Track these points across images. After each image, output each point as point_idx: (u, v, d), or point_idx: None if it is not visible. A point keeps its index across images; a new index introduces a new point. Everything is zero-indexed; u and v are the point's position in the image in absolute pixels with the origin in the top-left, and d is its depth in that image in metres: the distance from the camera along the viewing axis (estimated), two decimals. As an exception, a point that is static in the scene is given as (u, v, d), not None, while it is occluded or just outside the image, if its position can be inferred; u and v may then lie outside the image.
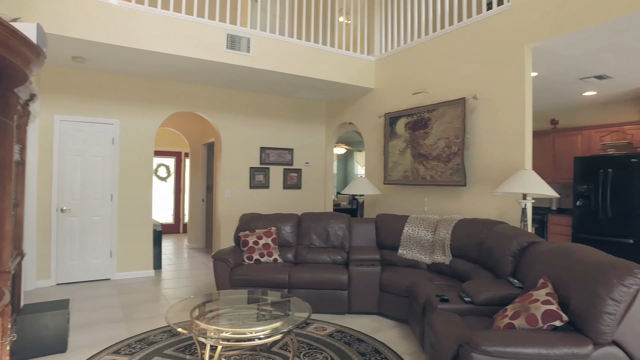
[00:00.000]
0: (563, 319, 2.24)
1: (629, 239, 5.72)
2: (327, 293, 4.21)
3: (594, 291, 2.17)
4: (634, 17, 3.44)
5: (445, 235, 4.26)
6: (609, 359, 2.10)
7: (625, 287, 2.08)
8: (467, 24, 4.83)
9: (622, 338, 2.13)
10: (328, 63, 5.78)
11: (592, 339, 2.13)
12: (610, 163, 5.96)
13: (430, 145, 5.14)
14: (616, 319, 2.10)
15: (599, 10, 3.59)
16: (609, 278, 2.14)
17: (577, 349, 2.07)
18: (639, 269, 2.10)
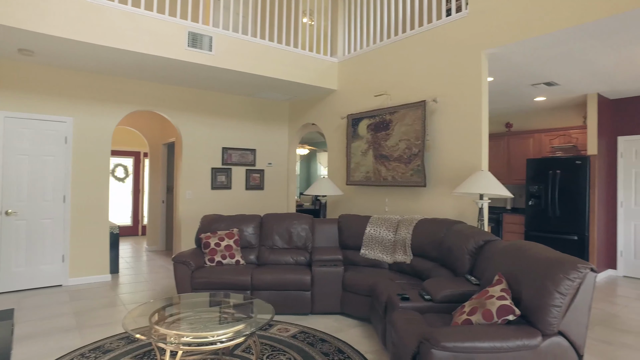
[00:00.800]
0: (516, 313, 2.34)
1: (574, 235, 6.08)
2: (290, 294, 4.20)
3: (543, 286, 2.29)
4: (578, 29, 3.66)
5: (406, 235, 4.36)
6: (555, 348, 2.23)
7: (570, 281, 2.22)
8: (427, 28, 4.97)
9: (566, 328, 2.26)
10: (291, 64, 5.78)
11: (541, 331, 2.25)
12: (558, 165, 6.31)
13: (392, 146, 5.24)
14: (562, 311, 2.23)
15: (548, 21, 3.79)
16: (556, 273, 2.26)
17: (527, 341, 2.18)
18: (582, 264, 2.24)
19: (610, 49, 4.21)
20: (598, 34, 3.81)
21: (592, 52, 4.32)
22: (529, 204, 6.63)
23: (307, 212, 9.37)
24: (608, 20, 3.49)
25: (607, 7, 3.41)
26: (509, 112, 7.67)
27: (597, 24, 3.56)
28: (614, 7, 3.37)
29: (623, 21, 3.50)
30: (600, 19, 3.46)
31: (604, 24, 3.57)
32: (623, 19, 3.44)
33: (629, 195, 6.45)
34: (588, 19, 3.53)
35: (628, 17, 3.42)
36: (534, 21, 3.90)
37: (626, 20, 3.48)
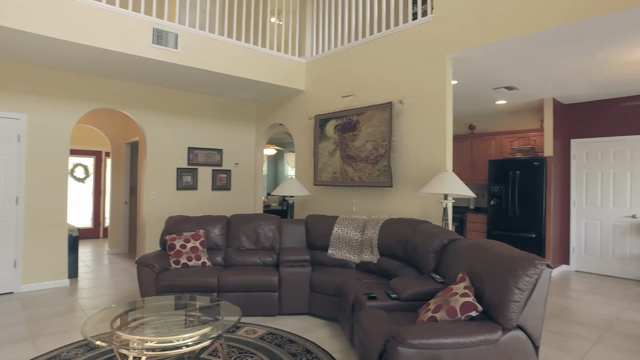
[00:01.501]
0: (478, 309, 2.42)
1: (532, 233, 6.35)
2: (258, 295, 4.17)
3: (504, 282, 2.38)
4: (535, 37, 3.83)
5: (373, 234, 4.42)
6: (514, 341, 2.33)
7: (528, 277, 2.31)
8: (394, 31, 5.05)
9: (524, 322, 2.36)
10: (259, 63, 5.73)
11: (502, 325, 2.34)
12: (517, 166, 6.57)
13: (359, 147, 5.30)
14: (521, 305, 2.33)
15: (507, 28, 3.95)
16: (515, 270, 2.36)
17: (489, 335, 2.26)
18: (539, 261, 2.35)
19: (565, 56, 4.42)
20: (553, 42, 4.00)
21: (548, 59, 4.53)
22: (491, 204, 6.86)
23: (275, 213, 9.33)
24: (562, 30, 3.67)
25: (562, 17, 3.59)
26: (472, 115, 7.92)
27: (552, 32, 3.74)
28: (568, 18, 3.55)
29: (576, 31, 3.69)
30: (555, 28, 3.64)
31: (559, 33, 3.75)
32: (576, 29, 3.63)
33: (580, 195, 6.81)
34: (544, 27, 3.70)
35: (580, 28, 3.60)
36: (495, 28, 4.05)
37: (578, 31, 3.67)
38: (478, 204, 7.88)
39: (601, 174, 6.61)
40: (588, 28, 3.64)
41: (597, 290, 5.56)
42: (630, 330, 4.03)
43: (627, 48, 4.14)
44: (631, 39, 3.89)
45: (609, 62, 4.60)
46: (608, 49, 4.17)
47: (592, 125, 6.70)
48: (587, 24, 3.55)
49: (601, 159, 6.62)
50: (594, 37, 3.85)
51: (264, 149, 8.45)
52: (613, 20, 3.45)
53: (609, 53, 4.31)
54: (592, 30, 3.70)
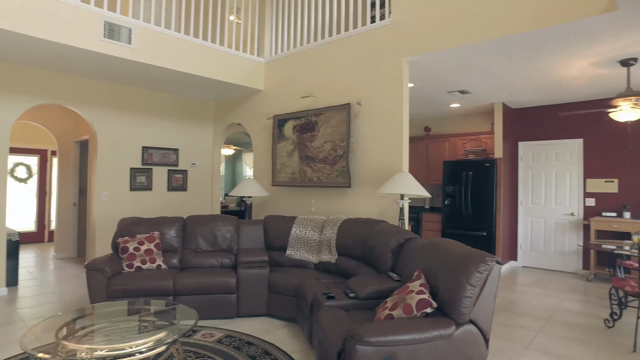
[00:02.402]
0: (433, 306, 2.50)
1: (483, 231, 6.64)
2: (215, 298, 4.09)
3: (456, 279, 2.47)
4: (485, 44, 4.01)
5: (331, 234, 4.45)
6: (467, 335, 2.43)
7: (479, 273, 2.42)
8: (353, 34, 5.12)
9: (476, 316, 2.47)
10: (217, 62, 5.63)
11: (455, 320, 2.43)
12: (470, 167, 6.85)
13: (317, 148, 5.33)
14: (472, 301, 2.43)
15: (460, 35, 4.11)
16: (467, 266, 2.46)
17: (443, 331, 2.34)
18: (489, 258, 2.46)
19: (511, 64, 4.66)
20: (501, 50, 4.21)
21: (497, 66, 4.76)
22: (445, 203, 7.11)
23: (232, 214, 9.19)
24: (508, 39, 3.87)
25: (507, 27, 3.78)
26: (428, 117, 8.17)
27: (499, 41, 3.93)
28: (513, 28, 3.75)
29: (520, 41, 3.90)
30: (502, 37, 3.83)
31: (505, 42, 3.96)
32: (520, 39, 3.84)
33: (527, 194, 7.20)
34: (492, 36, 3.89)
35: (523, 38, 3.82)
36: (448, 34, 4.20)
37: (522, 40, 3.89)
38: (433, 204, 8.14)
39: (545, 174, 7.02)
40: (530, 38, 3.86)
41: (540, 284, 5.89)
42: (568, 319, 4.31)
43: (564, 58, 4.42)
44: (567, 50, 4.16)
45: (550, 70, 4.90)
46: (549, 58, 4.43)
47: (537, 129, 7.11)
48: (530, 35, 3.76)
49: (545, 160, 7.03)
50: (535, 47, 4.09)
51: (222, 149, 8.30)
52: (552, 32, 3.68)
53: (549, 62, 4.58)
54: (534, 41, 3.93)
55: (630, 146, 6.22)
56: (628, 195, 6.22)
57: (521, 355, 3.38)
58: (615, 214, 6.23)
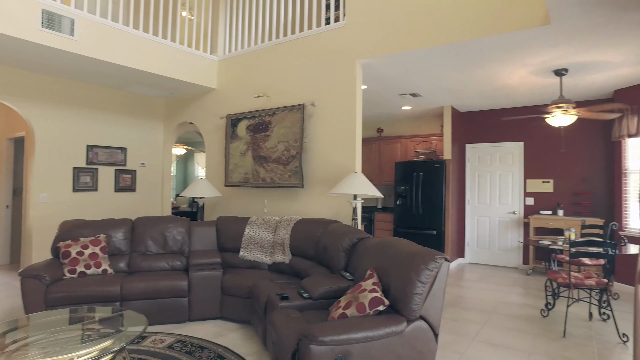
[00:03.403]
0: (385, 304, 2.57)
1: (434, 230, 6.89)
2: (166, 302, 3.96)
3: (407, 277, 2.55)
4: (433, 50, 4.17)
5: (284, 235, 4.44)
6: (417, 330, 2.51)
7: (429, 271, 2.51)
8: (308, 34, 5.14)
9: (426, 312, 2.56)
10: (167, 58, 5.45)
11: (406, 317, 2.50)
12: (421, 167, 7.08)
13: (271, 148, 5.30)
14: (423, 297, 2.51)
15: (410, 40, 4.24)
16: (417, 264, 2.54)
17: (394, 327, 2.40)
18: (439, 255, 2.56)
19: (459, 69, 4.88)
20: (448, 56, 4.39)
21: (446, 71, 4.96)
22: (397, 203, 7.30)
23: (184, 215, 8.93)
24: (456, 45, 4.04)
25: (456, 34, 3.96)
26: (380, 118, 8.35)
27: (446, 47, 4.11)
28: (462, 35, 3.93)
29: (467, 48, 4.09)
30: (450, 43, 4.00)
31: (454, 48, 4.13)
32: (467, 46, 4.03)
33: (473, 194, 7.55)
34: (441, 42, 4.05)
35: (470, 45, 4.01)
36: (399, 39, 4.33)
37: (470, 47, 4.08)
38: (385, 204, 8.33)
39: (490, 175, 7.40)
40: (475, 46, 4.06)
41: (485, 279, 6.21)
42: (510, 311, 4.57)
43: (506, 66, 4.69)
44: (509, 59, 4.41)
45: (494, 77, 5.17)
46: (492, 65, 4.68)
47: (483, 132, 7.47)
48: (474, 43, 3.96)
49: (490, 162, 7.41)
50: (480, 54, 4.31)
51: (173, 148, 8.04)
52: (494, 41, 3.90)
53: (493, 69, 4.84)
54: (478, 49, 4.14)
55: (563, 149, 6.69)
56: (562, 194, 6.69)
57: (468, 347, 3.54)
58: (551, 212, 6.68)
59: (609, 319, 4.30)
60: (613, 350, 3.56)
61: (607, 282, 4.00)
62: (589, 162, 6.48)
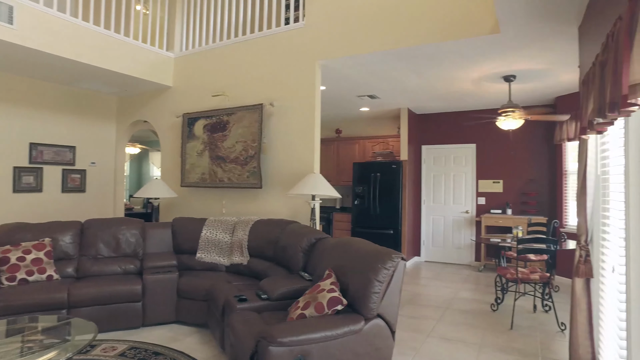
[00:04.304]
0: (343, 303, 2.60)
1: (390, 230, 7.04)
2: (118, 307, 3.79)
3: (365, 276, 2.59)
4: (390, 53, 4.27)
5: (242, 236, 4.39)
6: (375, 328, 2.56)
7: (386, 270, 2.56)
8: (267, 34, 5.10)
9: (383, 311, 2.61)
10: (120, 53, 5.22)
11: (364, 316, 2.54)
12: (378, 168, 7.22)
13: (229, 148, 5.22)
14: (380, 296, 2.56)
15: (368, 42, 4.32)
16: (375, 264, 2.59)
17: (353, 326, 2.44)
18: (395, 254, 2.62)
19: (416, 72, 5.02)
20: (406, 59, 4.51)
21: (402, 74, 5.09)
22: (355, 204, 7.40)
23: (138, 216, 8.59)
24: (413, 49, 4.16)
25: (413, 38, 4.07)
26: (339, 119, 8.43)
27: (405, 50, 4.21)
28: (417, 39, 4.05)
29: (423, 52, 4.22)
30: (407, 47, 4.11)
31: (410, 52, 4.25)
32: (423, 50, 4.15)
33: (429, 194, 7.79)
34: (398, 45, 4.15)
35: (426, 49, 4.13)
36: (356, 41, 4.39)
37: (425, 52, 4.21)
38: (344, 204, 8.42)
39: (444, 176, 7.66)
40: (430, 51, 4.20)
41: (440, 277, 6.42)
42: (462, 306, 4.76)
43: (460, 70, 4.88)
44: (462, 64, 4.59)
45: (448, 81, 5.36)
46: (447, 69, 4.86)
47: (438, 134, 7.72)
48: (430, 47, 4.09)
49: (444, 163, 7.67)
50: (435, 58, 4.45)
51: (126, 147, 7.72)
52: (448, 47, 4.05)
53: (447, 73, 5.02)
54: (434, 53, 4.28)
55: (512, 151, 7.05)
56: (510, 194, 7.04)
57: (423, 343, 3.65)
58: (501, 211, 7.01)
59: (551, 310, 4.58)
60: (553, 338, 3.80)
61: (549, 276, 4.26)
62: (535, 163, 6.86)
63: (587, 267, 2.58)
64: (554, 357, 3.40)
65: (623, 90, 1.31)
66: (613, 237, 2.30)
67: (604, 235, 2.55)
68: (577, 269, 2.60)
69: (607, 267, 2.41)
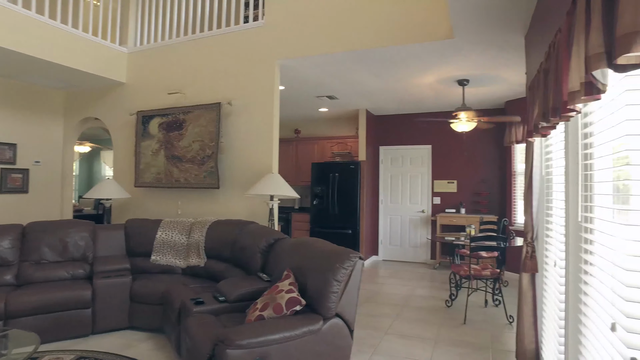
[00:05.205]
0: (302, 303, 2.60)
1: (349, 229, 7.12)
2: (65, 315, 3.59)
3: (324, 276, 2.61)
4: (349, 54, 4.34)
5: (199, 237, 4.29)
6: (333, 328, 2.58)
7: (344, 269, 2.59)
8: (226, 32, 5.01)
9: (342, 310, 2.64)
10: (67, 46, 4.95)
11: (323, 315, 2.56)
12: (337, 168, 7.29)
13: (185, 147, 5.08)
14: (338, 295, 2.59)
15: (327, 43, 4.36)
16: (333, 263, 2.61)
17: (311, 326, 2.45)
18: (353, 254, 2.65)
19: (374, 74, 5.11)
20: (364, 61, 4.58)
21: (361, 75, 5.16)
22: (314, 204, 7.43)
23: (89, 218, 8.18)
24: (371, 52, 4.23)
25: (370, 41, 4.14)
26: (298, 119, 8.43)
27: (362, 52, 4.29)
28: (375, 42, 4.12)
29: (381, 54, 4.31)
30: (365, 49, 4.18)
31: (368, 54, 4.33)
32: (381, 52, 4.24)
33: (386, 194, 7.96)
34: (356, 47, 4.22)
35: (383, 52, 4.22)
36: (317, 41, 4.42)
37: (383, 54, 4.30)
38: (302, 204, 8.43)
39: (401, 176, 7.85)
40: (388, 53, 4.29)
41: (397, 275, 6.57)
42: (418, 303, 4.90)
43: (416, 74, 5.02)
44: (418, 67, 4.73)
45: (405, 83, 5.50)
46: (404, 72, 4.98)
47: (395, 135, 7.90)
48: (387, 50, 4.18)
49: (401, 164, 7.86)
50: (393, 61, 4.56)
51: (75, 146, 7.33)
52: (405, 50, 4.15)
53: (404, 76, 5.15)
54: (391, 56, 4.38)
55: (465, 153, 7.34)
56: (464, 194, 7.32)
57: (381, 340, 3.72)
58: (455, 210, 7.27)
59: (500, 304, 4.80)
60: (502, 330, 3.99)
61: (499, 272, 4.47)
62: (487, 165, 7.18)
63: (533, 262, 2.72)
64: (503, 348, 3.57)
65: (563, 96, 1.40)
66: (555, 234, 2.44)
67: (547, 232, 2.71)
68: (524, 265, 2.75)
69: (550, 262, 2.56)
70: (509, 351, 3.50)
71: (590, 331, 1.75)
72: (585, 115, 1.89)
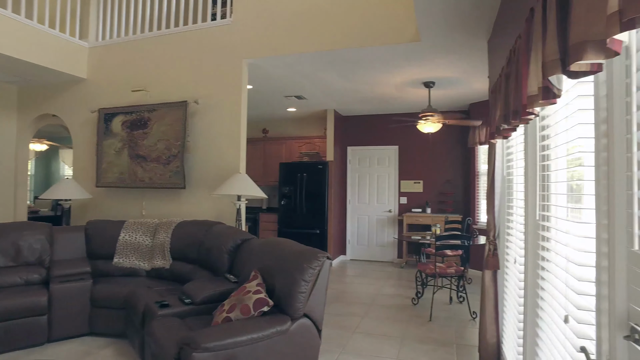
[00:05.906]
0: (269, 304, 2.58)
1: (317, 229, 7.14)
2: (17, 324, 3.38)
3: (291, 276, 2.60)
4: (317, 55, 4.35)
5: (164, 238, 4.19)
6: (302, 328, 2.58)
7: (312, 269, 2.60)
8: (193, 28, 4.91)
9: (310, 310, 2.64)
10: (20, 37, 4.68)
11: (291, 316, 2.55)
12: (305, 168, 7.29)
13: (150, 146, 4.95)
14: (306, 295, 2.59)
15: (294, 43, 4.36)
16: (301, 264, 2.61)
17: (279, 327, 2.44)
18: (321, 254, 2.66)
19: (341, 75, 5.15)
20: (332, 62, 4.62)
21: (328, 76, 5.19)
22: (282, 204, 7.40)
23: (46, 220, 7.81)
24: (338, 52, 4.27)
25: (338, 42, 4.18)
26: (266, 119, 8.38)
27: (330, 53, 4.32)
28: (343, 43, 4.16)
29: (349, 55, 4.35)
30: (332, 50, 4.21)
31: (336, 55, 4.36)
32: (348, 53, 4.28)
33: (354, 194, 8.03)
34: (324, 47, 4.24)
35: (351, 53, 4.27)
36: (285, 41, 4.40)
37: (350, 55, 4.34)
38: (270, 204, 8.38)
39: (369, 176, 7.95)
40: (355, 54, 4.34)
41: (365, 274, 6.65)
42: (386, 302, 4.98)
43: (383, 75, 5.09)
44: (385, 69, 4.81)
45: (372, 84, 5.57)
46: (371, 73, 5.05)
47: (363, 135, 7.98)
48: (354, 51, 4.23)
49: (369, 164, 7.95)
50: (360, 62, 4.61)
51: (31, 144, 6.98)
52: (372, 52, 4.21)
53: (372, 77, 5.22)
54: (358, 57, 4.43)
55: (430, 153, 7.51)
56: (430, 194, 7.49)
57: (349, 339, 3.75)
58: (421, 210, 7.43)
59: (464, 300, 4.95)
60: (466, 326, 4.12)
61: (463, 270, 4.60)
62: (451, 165, 7.37)
63: (495, 260, 2.82)
64: (466, 343, 3.68)
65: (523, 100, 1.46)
66: (515, 232, 2.54)
67: (508, 230, 2.81)
68: (487, 262, 2.84)
69: (511, 259, 2.66)
70: (472, 346, 3.61)
71: (545, 324, 1.83)
72: (543, 118, 1.98)
